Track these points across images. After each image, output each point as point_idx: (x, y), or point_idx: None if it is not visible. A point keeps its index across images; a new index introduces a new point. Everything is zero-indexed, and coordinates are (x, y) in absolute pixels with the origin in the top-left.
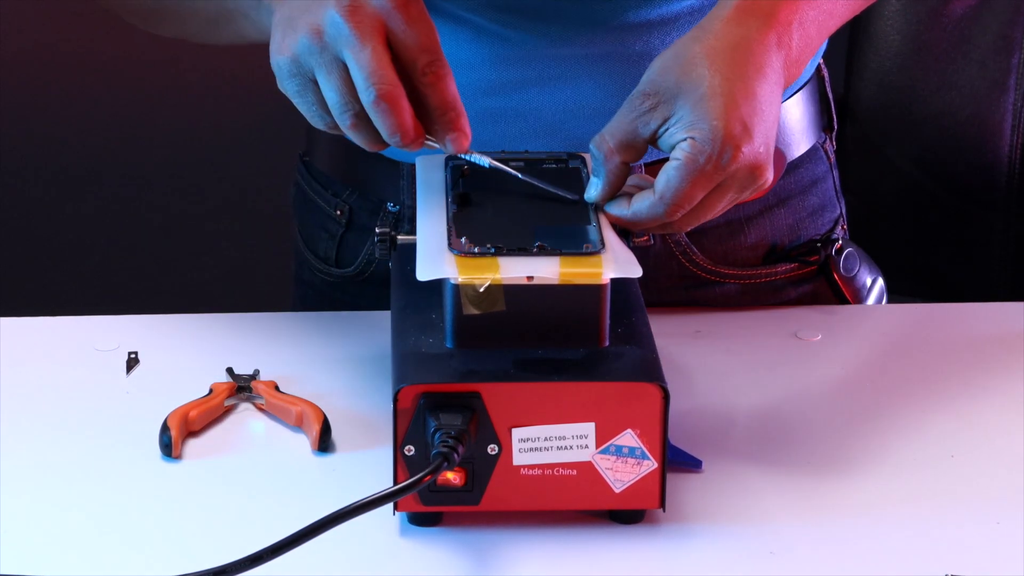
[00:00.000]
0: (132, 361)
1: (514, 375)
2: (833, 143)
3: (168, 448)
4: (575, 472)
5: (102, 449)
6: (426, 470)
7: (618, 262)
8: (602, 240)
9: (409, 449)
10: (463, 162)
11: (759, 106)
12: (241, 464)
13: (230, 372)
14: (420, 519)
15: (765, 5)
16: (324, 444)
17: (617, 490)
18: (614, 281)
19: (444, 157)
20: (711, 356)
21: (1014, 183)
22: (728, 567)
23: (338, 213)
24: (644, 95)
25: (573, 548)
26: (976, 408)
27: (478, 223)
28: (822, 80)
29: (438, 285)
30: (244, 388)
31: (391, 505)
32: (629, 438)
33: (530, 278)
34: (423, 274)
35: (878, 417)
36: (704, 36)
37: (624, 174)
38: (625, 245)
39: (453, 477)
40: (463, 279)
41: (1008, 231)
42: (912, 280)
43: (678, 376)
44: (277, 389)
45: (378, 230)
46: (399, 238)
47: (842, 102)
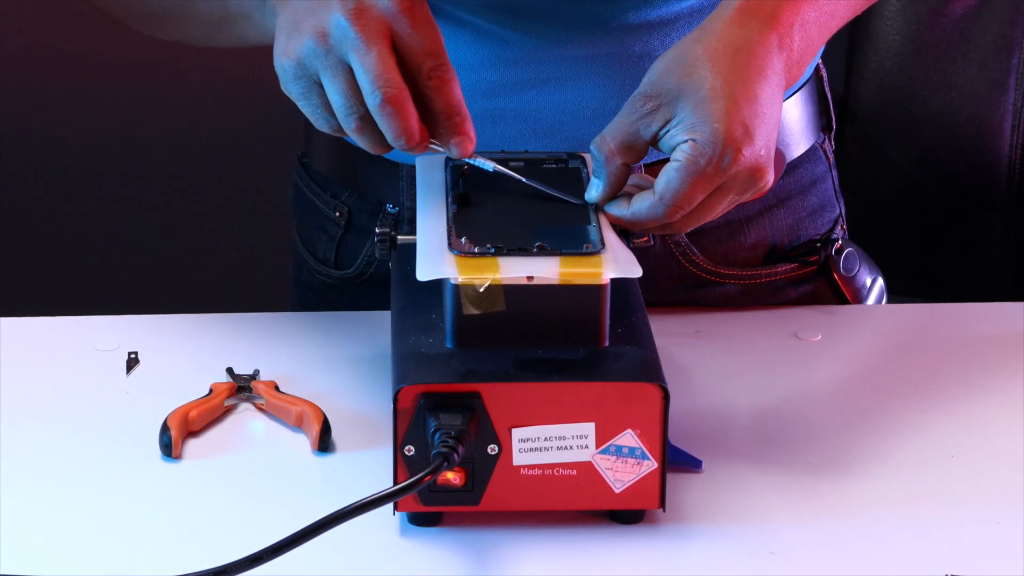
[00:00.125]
0: (132, 361)
1: (514, 375)
2: (832, 143)
3: (168, 448)
4: (575, 472)
5: (102, 449)
6: (426, 470)
7: (618, 262)
8: (602, 240)
9: (409, 449)
10: (464, 163)
11: (760, 108)
12: (241, 464)
13: (230, 372)
14: (420, 519)
15: (767, 7)
16: (324, 444)
17: (617, 490)
18: (614, 281)
19: (444, 157)
20: (711, 356)
21: (1014, 183)
22: (728, 567)
23: (337, 215)
24: (645, 97)
25: (573, 548)
26: (976, 408)
27: (478, 223)
28: (821, 80)
29: (438, 285)
30: (244, 388)
31: (391, 505)
32: (629, 438)
33: (530, 278)
34: (423, 274)
35: (878, 417)
36: (705, 38)
37: (625, 175)
38: (625, 245)
39: (453, 477)
40: (463, 279)
41: (1008, 231)
42: (912, 280)
43: (678, 376)
44: (277, 389)
45: (378, 230)
46: (399, 238)
47: (842, 102)
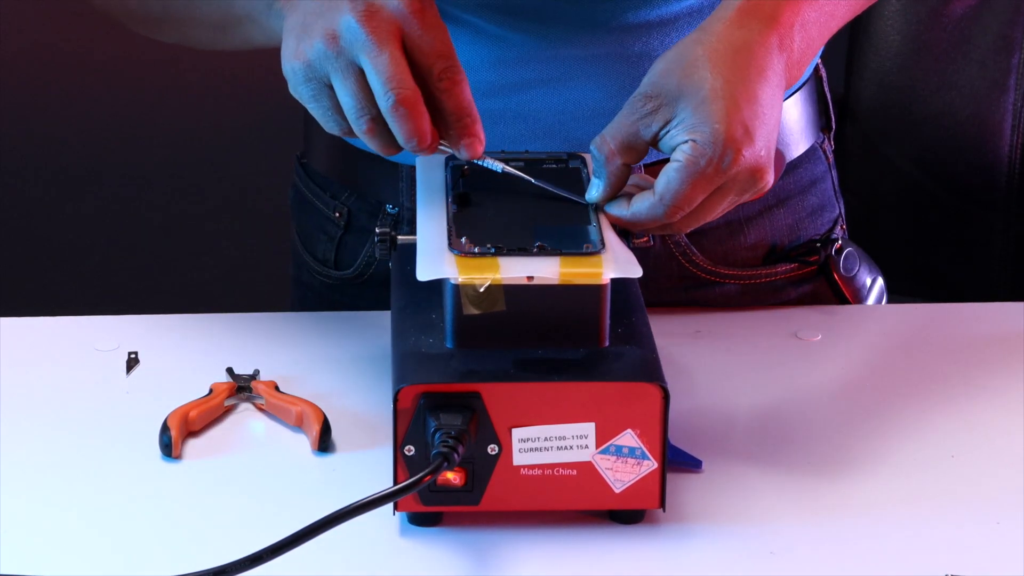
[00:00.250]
0: (132, 361)
1: (514, 375)
2: (831, 143)
3: (168, 448)
4: (575, 472)
5: (102, 449)
6: (426, 470)
7: (618, 262)
8: (602, 240)
9: (409, 449)
10: (465, 162)
11: (760, 109)
12: (241, 464)
13: (230, 372)
14: (420, 519)
15: (767, 7)
16: (324, 444)
17: (617, 490)
18: (614, 281)
19: (444, 157)
20: (711, 356)
21: (1014, 183)
22: (728, 567)
23: (337, 215)
24: (646, 97)
25: (573, 548)
26: (976, 408)
27: (478, 223)
28: (820, 80)
29: (438, 285)
30: (244, 388)
31: (391, 505)
32: (629, 438)
33: (530, 278)
34: (423, 274)
35: (878, 417)
36: (706, 38)
37: (625, 175)
38: (625, 245)
39: (453, 477)
40: (463, 279)
41: (1008, 231)
42: (912, 280)
43: (678, 376)
44: (277, 389)
45: (378, 230)
46: (399, 238)
47: (842, 102)
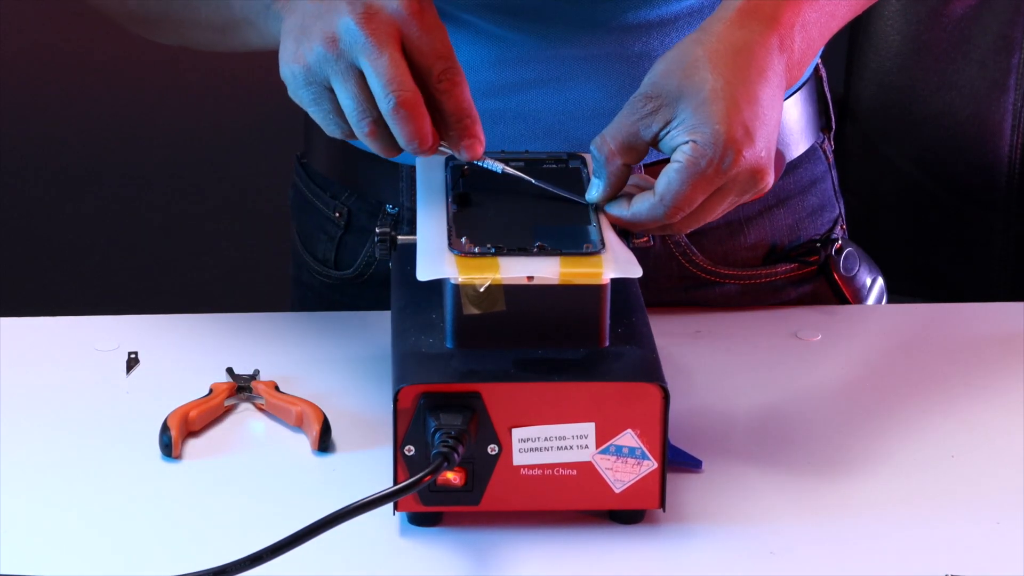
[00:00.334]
0: (132, 361)
1: (514, 375)
2: (831, 143)
3: (168, 448)
4: (575, 472)
5: (102, 449)
6: (426, 470)
7: (618, 262)
8: (602, 240)
9: (409, 449)
10: (464, 163)
11: (761, 110)
12: (241, 464)
13: (230, 372)
14: (420, 519)
15: (767, 7)
16: (324, 444)
17: (617, 490)
18: (614, 281)
19: (444, 158)
20: (711, 356)
21: (1014, 183)
22: (728, 567)
23: (337, 215)
24: (646, 97)
25: (573, 548)
26: (976, 408)
27: (478, 223)
28: (820, 80)
29: (438, 285)
30: (244, 388)
31: (391, 505)
32: (629, 438)
33: (530, 278)
34: (423, 274)
35: (878, 417)
36: (706, 39)
37: (625, 176)
38: (625, 245)
39: (453, 477)
40: (463, 279)
41: (1008, 231)
42: (912, 280)
43: (678, 376)
44: (277, 389)
45: (378, 230)
46: (399, 238)
47: (842, 102)
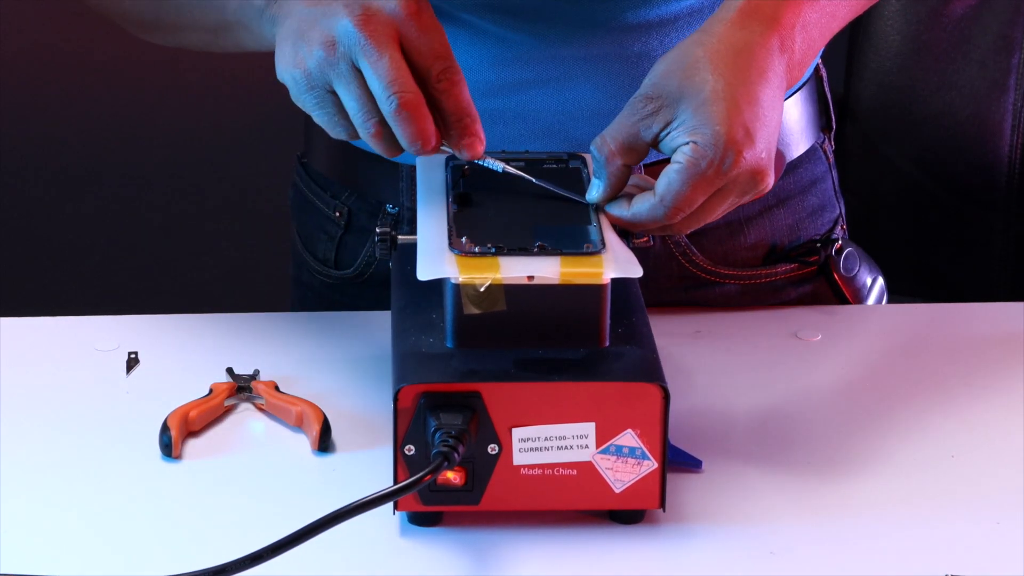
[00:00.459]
0: (132, 361)
1: (514, 375)
2: (832, 143)
3: (168, 448)
4: (575, 472)
5: (102, 449)
6: (426, 469)
7: (619, 262)
8: (603, 240)
9: (409, 448)
10: (465, 162)
11: (761, 111)
12: (241, 464)
13: (230, 372)
14: (420, 519)
15: (768, 8)
16: (324, 444)
17: (617, 490)
18: (614, 281)
19: (444, 157)
20: (711, 356)
21: (1014, 183)
22: (728, 567)
23: (337, 215)
24: (646, 98)
25: (573, 548)
26: (976, 408)
27: (479, 223)
28: (820, 80)
29: (438, 285)
30: (244, 388)
31: (391, 505)
32: (629, 438)
33: (531, 278)
34: (424, 274)
35: (878, 417)
36: (707, 39)
37: (625, 176)
38: (625, 245)
39: (453, 477)
40: (464, 279)
41: (1008, 231)
42: (912, 280)
43: (678, 376)
44: (277, 389)
45: (379, 230)
46: (399, 238)
47: (842, 102)
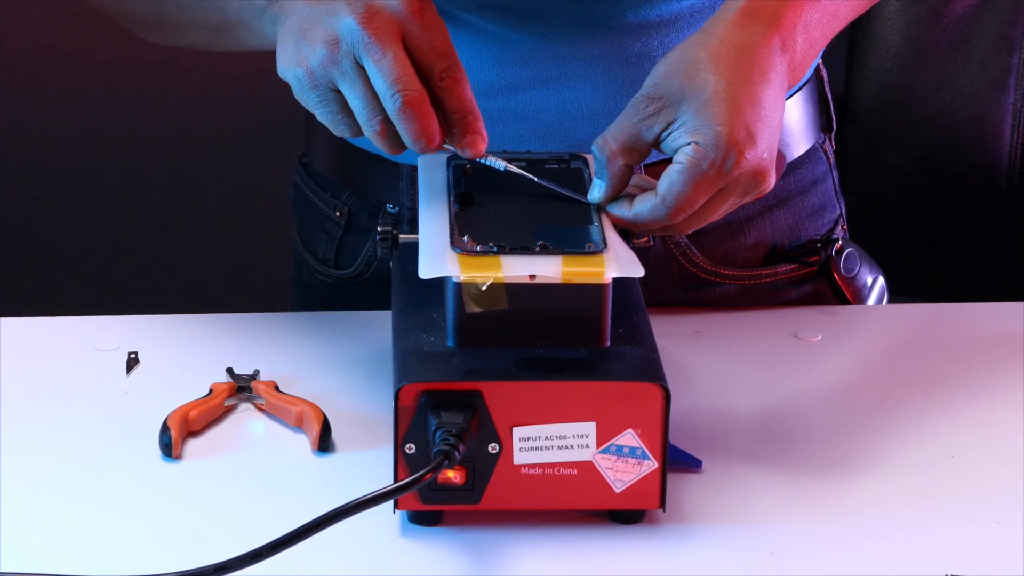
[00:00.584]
0: (132, 361)
1: (515, 374)
2: (832, 143)
3: (168, 448)
4: (575, 472)
5: (102, 449)
6: (427, 468)
7: (620, 262)
8: (604, 240)
9: (410, 447)
10: (467, 161)
11: (763, 111)
12: (241, 464)
13: (230, 372)
14: (420, 518)
15: (769, 8)
16: (324, 444)
17: (617, 490)
18: (615, 281)
19: (446, 156)
20: (711, 356)
21: (1014, 183)
22: (728, 567)
23: (337, 214)
24: (648, 99)
25: (573, 548)
26: (976, 408)
27: (480, 222)
28: (821, 80)
29: (439, 284)
30: (244, 388)
31: (391, 504)
32: (630, 438)
33: (532, 277)
34: (425, 272)
35: (878, 417)
36: (708, 40)
37: (627, 176)
38: (627, 245)
39: (453, 476)
40: (465, 277)
41: (1008, 231)
42: (912, 280)
43: (678, 376)
44: (277, 389)
45: (380, 228)
46: (401, 237)
47: (842, 102)
